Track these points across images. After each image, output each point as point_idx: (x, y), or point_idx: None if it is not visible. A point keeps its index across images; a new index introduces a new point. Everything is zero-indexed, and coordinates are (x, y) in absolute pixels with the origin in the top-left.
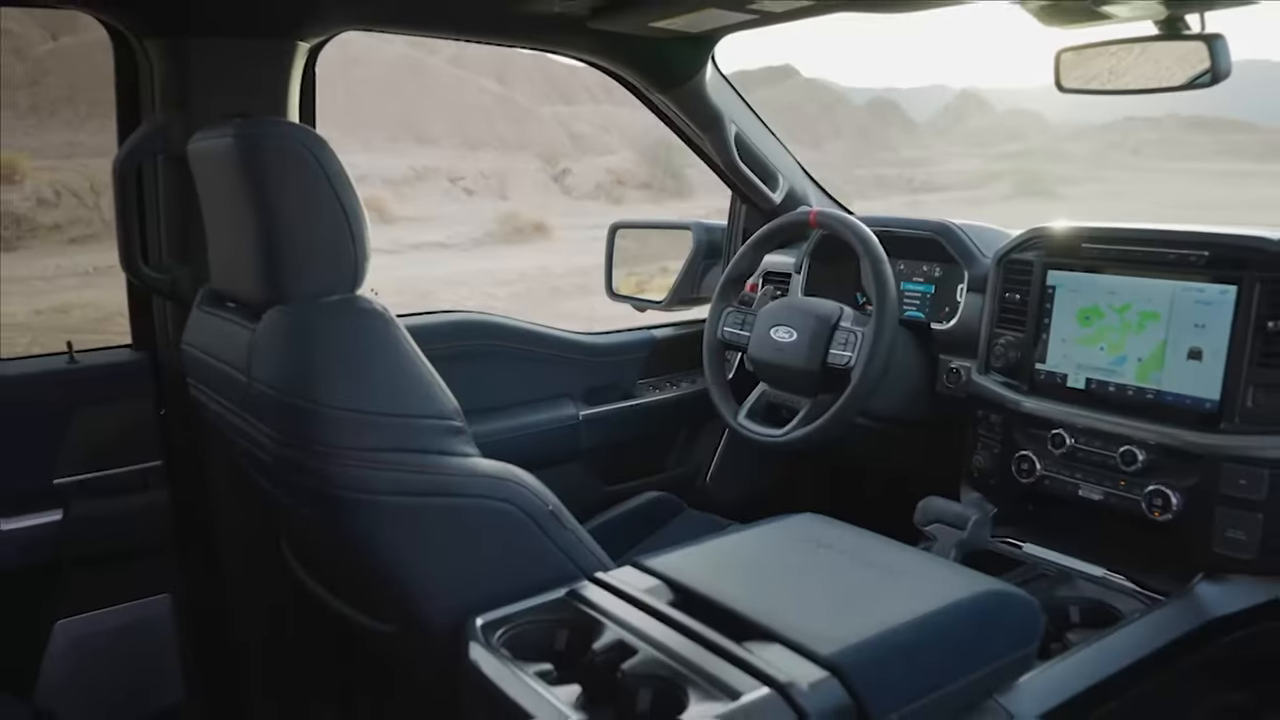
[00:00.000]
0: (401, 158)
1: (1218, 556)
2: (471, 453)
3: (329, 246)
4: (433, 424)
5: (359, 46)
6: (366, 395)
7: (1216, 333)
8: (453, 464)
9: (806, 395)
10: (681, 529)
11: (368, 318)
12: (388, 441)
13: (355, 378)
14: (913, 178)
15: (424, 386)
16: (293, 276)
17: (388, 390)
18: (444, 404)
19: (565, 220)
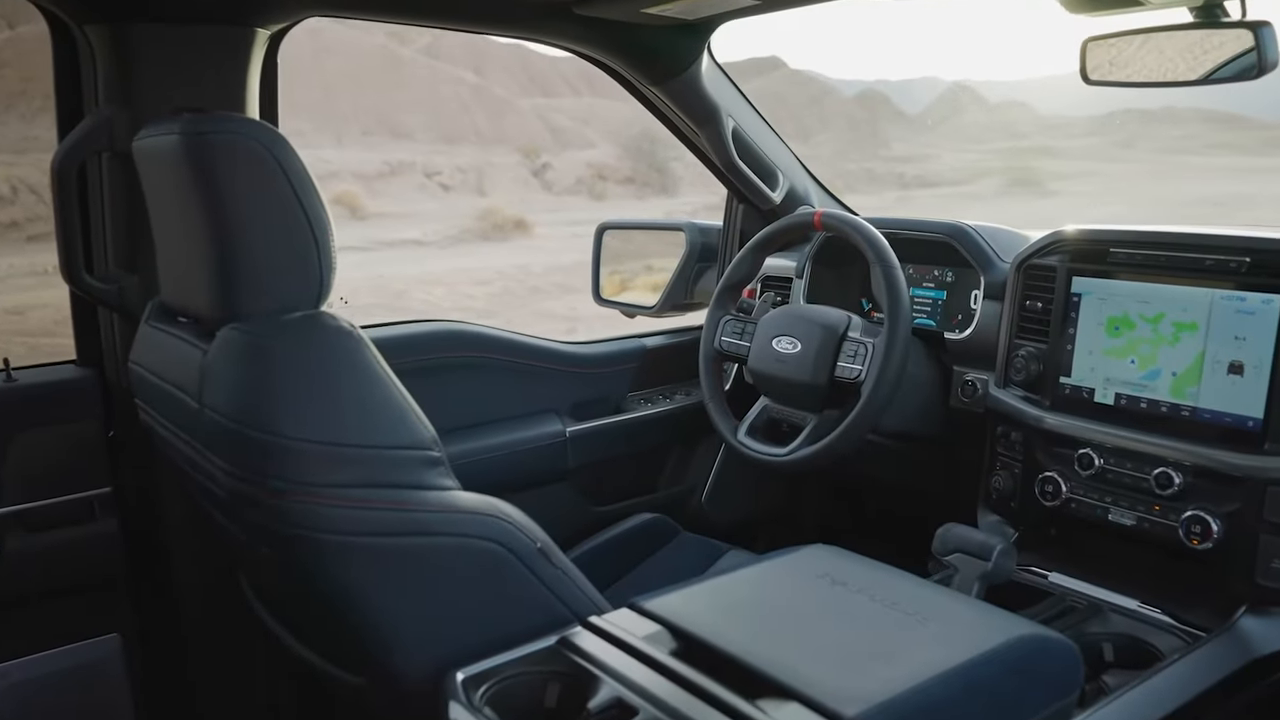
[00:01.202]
0: (375, 152)
1: (1262, 589)
2: (451, 485)
3: (290, 257)
4: (408, 455)
5: (331, 36)
6: (333, 425)
7: (1259, 345)
8: (430, 499)
9: (812, 411)
10: (677, 554)
11: (334, 337)
12: (357, 476)
13: (320, 405)
14: (903, 172)
15: (397, 413)
16: (249, 291)
17: (357, 419)
18: (420, 433)
19: (545, 217)
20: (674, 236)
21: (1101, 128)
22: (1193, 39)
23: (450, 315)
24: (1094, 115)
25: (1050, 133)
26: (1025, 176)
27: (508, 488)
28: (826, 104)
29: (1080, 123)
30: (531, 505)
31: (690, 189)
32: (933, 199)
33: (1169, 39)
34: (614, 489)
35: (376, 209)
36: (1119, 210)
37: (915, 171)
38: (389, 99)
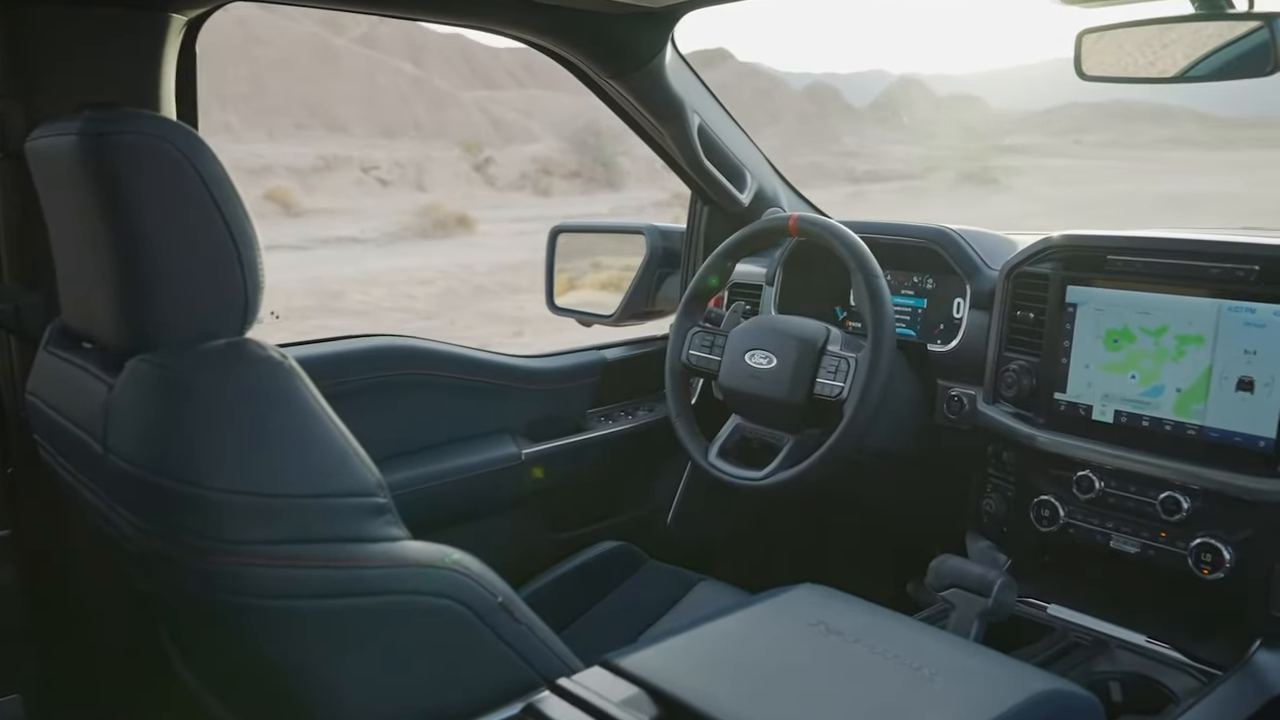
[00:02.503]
0: (309, 146)
1: (1278, 621)
2: (398, 535)
3: (209, 275)
4: (349, 503)
5: (259, 24)
6: (261, 472)
7: (1270, 360)
8: (375, 553)
9: (789, 430)
10: (643, 586)
11: (261, 369)
12: (291, 531)
13: (246, 449)
14: (854, 167)
15: (336, 455)
16: (161, 315)
17: (289, 464)
18: (362, 476)
19: (489, 213)
20: (636, 241)
21: (1052, 122)
22: (1195, 32)
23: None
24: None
25: (1001, 127)
26: (977, 172)
27: (459, 517)
28: (775, 97)
29: (1032, 117)
30: (486, 535)
31: (638, 184)
32: (884, 194)
33: (1169, 32)
34: (574, 515)
35: (311, 205)
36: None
37: (866, 166)
38: (323, 90)
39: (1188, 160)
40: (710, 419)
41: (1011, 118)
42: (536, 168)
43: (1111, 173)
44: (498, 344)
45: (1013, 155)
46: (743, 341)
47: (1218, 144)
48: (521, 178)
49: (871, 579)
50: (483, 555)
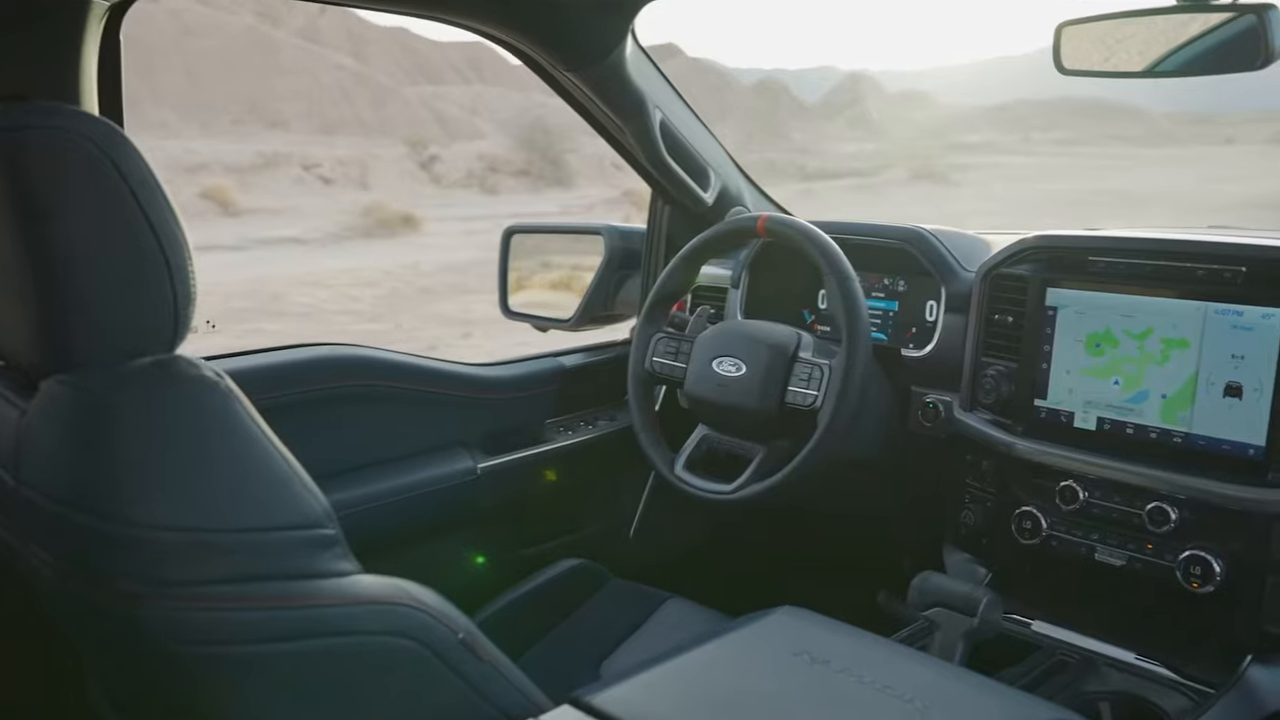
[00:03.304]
0: (247, 142)
1: (1270, 635)
2: (349, 569)
3: (133, 286)
4: (295, 537)
5: (195, 16)
6: (196, 505)
7: (1259, 365)
8: (325, 590)
9: (759, 441)
10: (608, 605)
11: (194, 389)
12: (232, 570)
13: (178, 480)
14: (804, 164)
15: (280, 484)
16: (80, 331)
17: (227, 494)
18: (308, 506)
19: (435, 212)
20: (594, 242)
21: (999, 118)
22: (1180, 24)
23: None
24: (991, 105)
25: (950, 124)
26: (928, 168)
27: (412, 537)
28: (725, 93)
29: (981, 113)
30: (441, 555)
31: (587, 182)
32: (836, 191)
33: (1153, 24)
34: (535, 530)
35: (250, 204)
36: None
37: (816, 163)
38: (262, 85)
39: (1134, 156)
40: (675, 429)
41: (961, 114)
42: (484, 165)
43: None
44: (446, 346)
45: (963, 152)
46: (709, 348)
47: (1162, 140)
48: (468, 175)
49: (843, 591)
50: (438, 576)
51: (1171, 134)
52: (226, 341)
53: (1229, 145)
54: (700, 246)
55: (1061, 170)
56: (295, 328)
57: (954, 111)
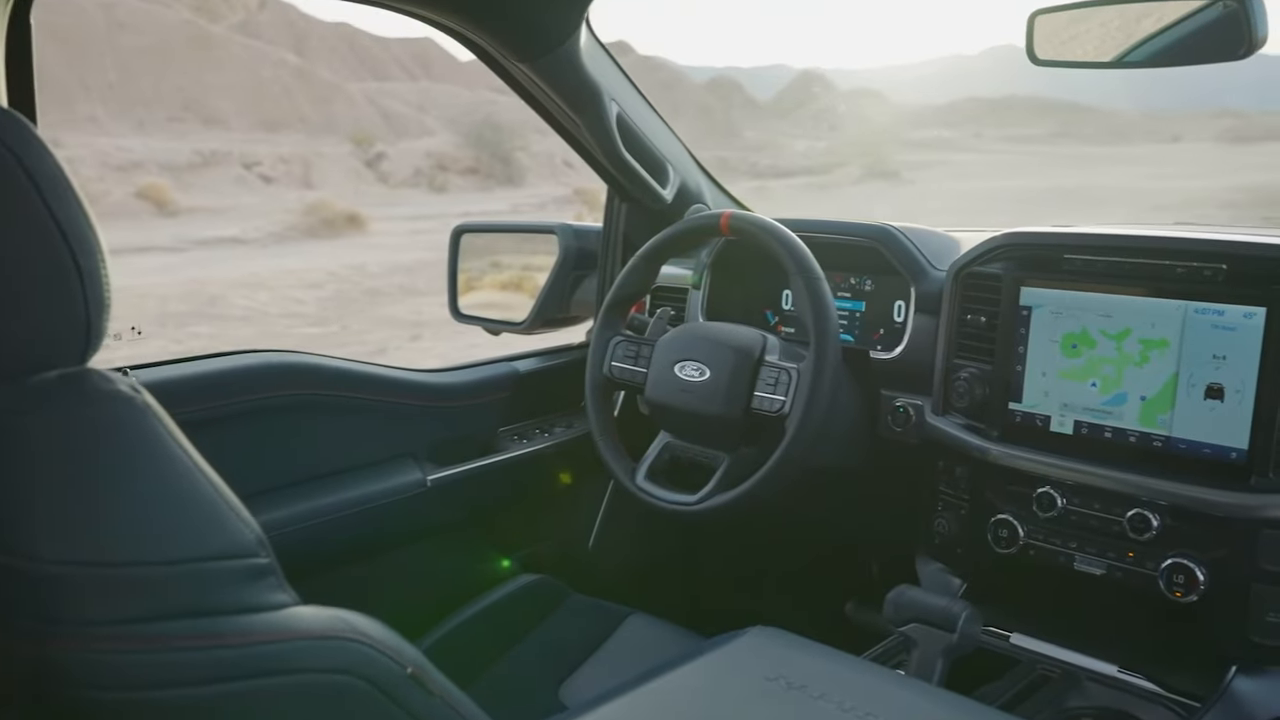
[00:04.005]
0: (184, 140)
1: (1256, 646)
2: (285, 601)
3: (39, 293)
4: (223, 568)
5: (128, 9)
6: (111, 536)
7: (1241, 366)
8: (258, 626)
9: (724, 449)
10: (567, 622)
11: (107, 405)
12: (152, 606)
13: (89, 509)
14: (757, 161)
15: (206, 509)
16: None
17: (146, 523)
18: (238, 533)
19: (382, 211)
20: (548, 241)
21: (950, 116)
22: (1158, 12)
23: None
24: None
25: (902, 121)
26: (880, 166)
27: (358, 554)
28: (677, 91)
29: (931, 111)
30: (389, 570)
31: (538, 180)
32: (789, 189)
33: (1129, 12)
34: (487, 545)
35: (188, 203)
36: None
37: (769, 161)
38: (199, 81)
39: (1084, 154)
40: (635, 436)
41: (913, 112)
42: (431, 163)
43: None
44: (395, 349)
45: (916, 149)
46: (671, 351)
47: (1111, 138)
48: (416, 174)
49: (812, 602)
50: (386, 597)
51: (1120, 131)
52: (163, 347)
53: (1176, 143)
54: (660, 245)
55: (1013, 168)
56: (235, 332)
57: (906, 110)
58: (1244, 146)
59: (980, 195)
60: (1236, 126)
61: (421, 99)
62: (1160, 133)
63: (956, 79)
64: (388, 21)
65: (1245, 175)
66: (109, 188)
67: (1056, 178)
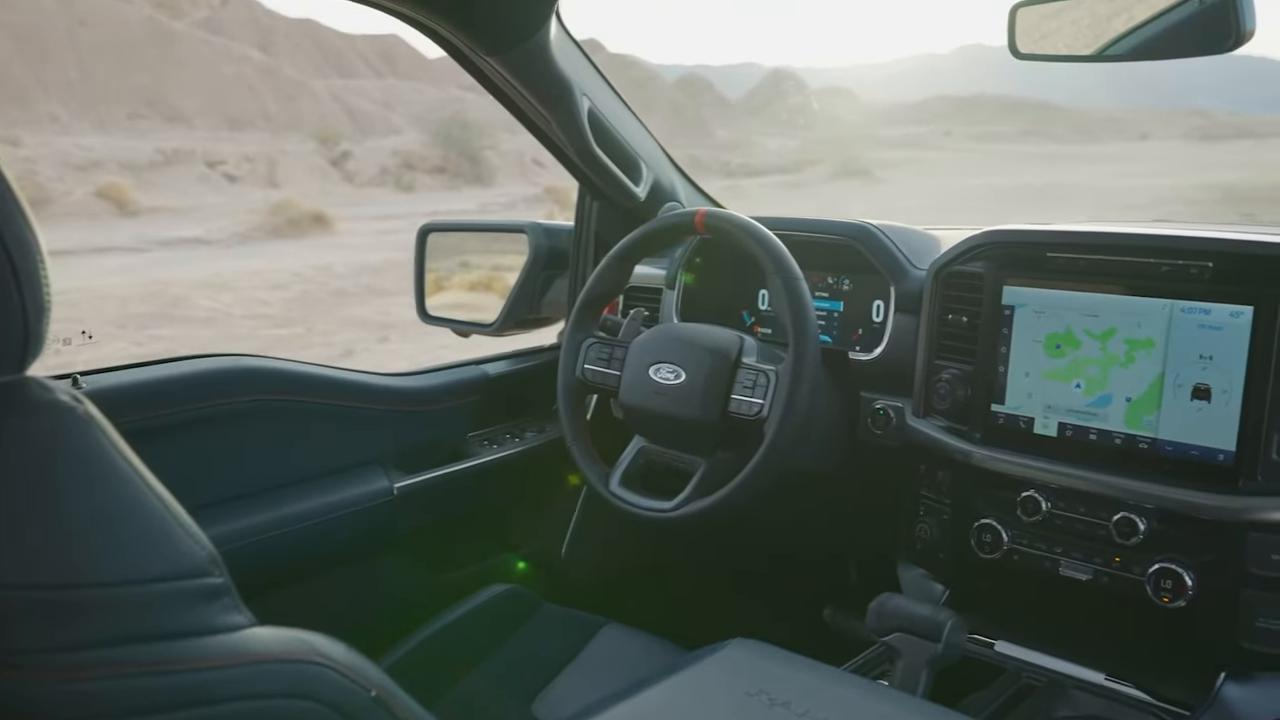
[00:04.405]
0: (146, 138)
1: (1245, 652)
2: (241, 623)
3: None
4: (173, 589)
5: (88, 6)
6: (51, 558)
7: (1228, 366)
8: (211, 649)
9: (700, 454)
10: (540, 633)
11: (47, 417)
12: (97, 631)
13: (28, 528)
14: (729, 160)
15: (153, 526)
16: None
17: (90, 543)
18: (188, 552)
19: (348, 211)
20: (518, 240)
21: (921, 114)
22: (1143, 4)
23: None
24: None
25: (872, 120)
26: (852, 165)
27: (322, 566)
28: (649, 89)
29: (902, 110)
30: (356, 582)
31: (507, 179)
32: (761, 188)
33: (1113, 4)
34: (458, 553)
35: (150, 203)
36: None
37: (740, 159)
38: (161, 79)
39: (1053, 152)
40: (609, 441)
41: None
42: (398, 162)
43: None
44: (363, 350)
45: (886, 148)
46: (645, 353)
47: (1078, 136)
48: (382, 172)
49: (790, 608)
50: (351, 609)
51: (1089, 130)
52: (123, 349)
53: (1144, 141)
54: (634, 244)
55: (983, 166)
56: (198, 333)
57: (877, 108)
58: (1211, 145)
59: (952, 193)
60: (1204, 125)
61: (388, 96)
62: (1128, 132)
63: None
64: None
65: (1213, 173)
66: (69, 187)
67: (1026, 176)
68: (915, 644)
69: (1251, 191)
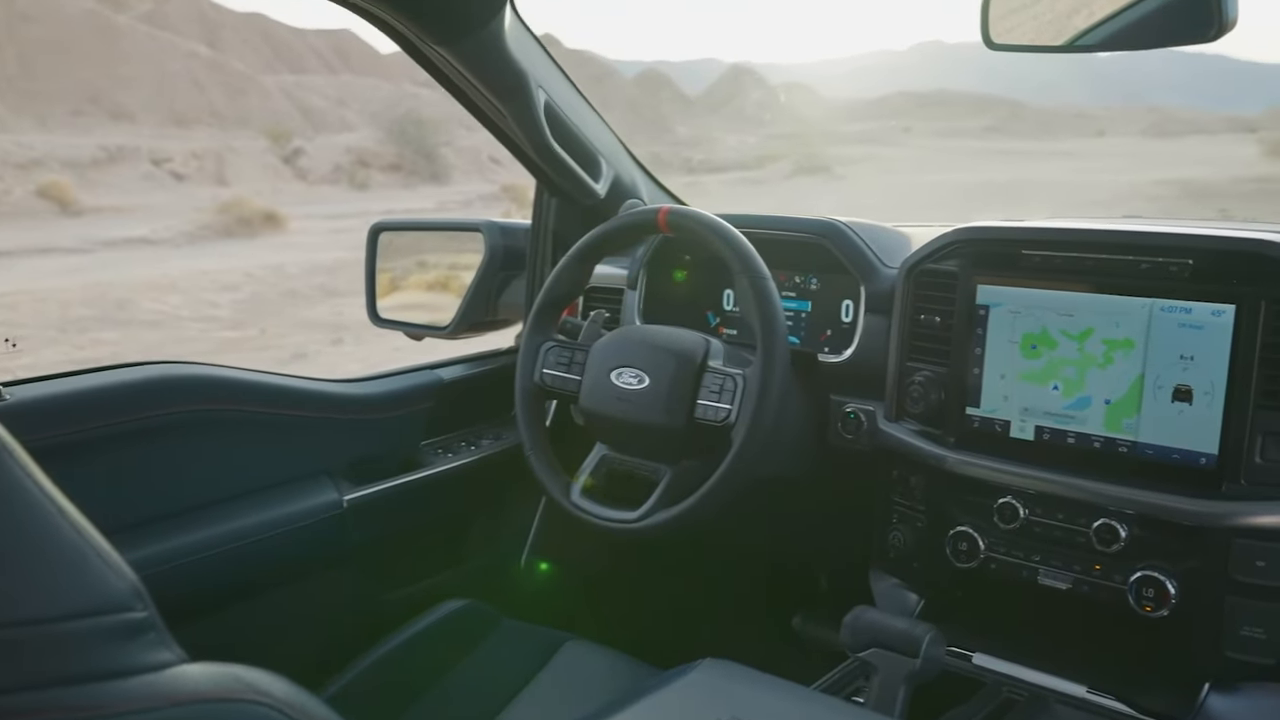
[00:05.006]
0: (89, 135)
1: (1230, 661)
2: (168, 660)
3: None
4: (90, 627)
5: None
6: None
7: (1210, 366)
8: (134, 691)
9: (665, 461)
10: (499, 651)
11: None
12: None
13: None
14: (689, 157)
15: (68, 557)
16: None
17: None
18: (107, 584)
19: (301, 209)
20: (474, 239)
21: (880, 111)
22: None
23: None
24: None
25: (833, 116)
26: (812, 161)
27: (267, 584)
28: (607, 85)
29: (861, 106)
30: (301, 600)
31: (464, 176)
32: (721, 185)
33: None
34: (411, 568)
35: (93, 202)
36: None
37: (701, 156)
38: (104, 74)
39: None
40: (570, 448)
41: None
42: (352, 159)
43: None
44: (315, 353)
45: (846, 144)
46: (607, 357)
47: (1037, 133)
48: (336, 170)
49: (758, 619)
50: (298, 631)
51: (1046, 126)
52: (66, 355)
53: (1101, 137)
54: (594, 243)
55: (943, 163)
56: (144, 337)
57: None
58: (1168, 141)
59: (912, 190)
60: (1160, 121)
61: (341, 92)
62: (1085, 128)
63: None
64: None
65: (1171, 170)
66: (8, 186)
67: (987, 172)
68: (892, 659)
69: (1209, 187)
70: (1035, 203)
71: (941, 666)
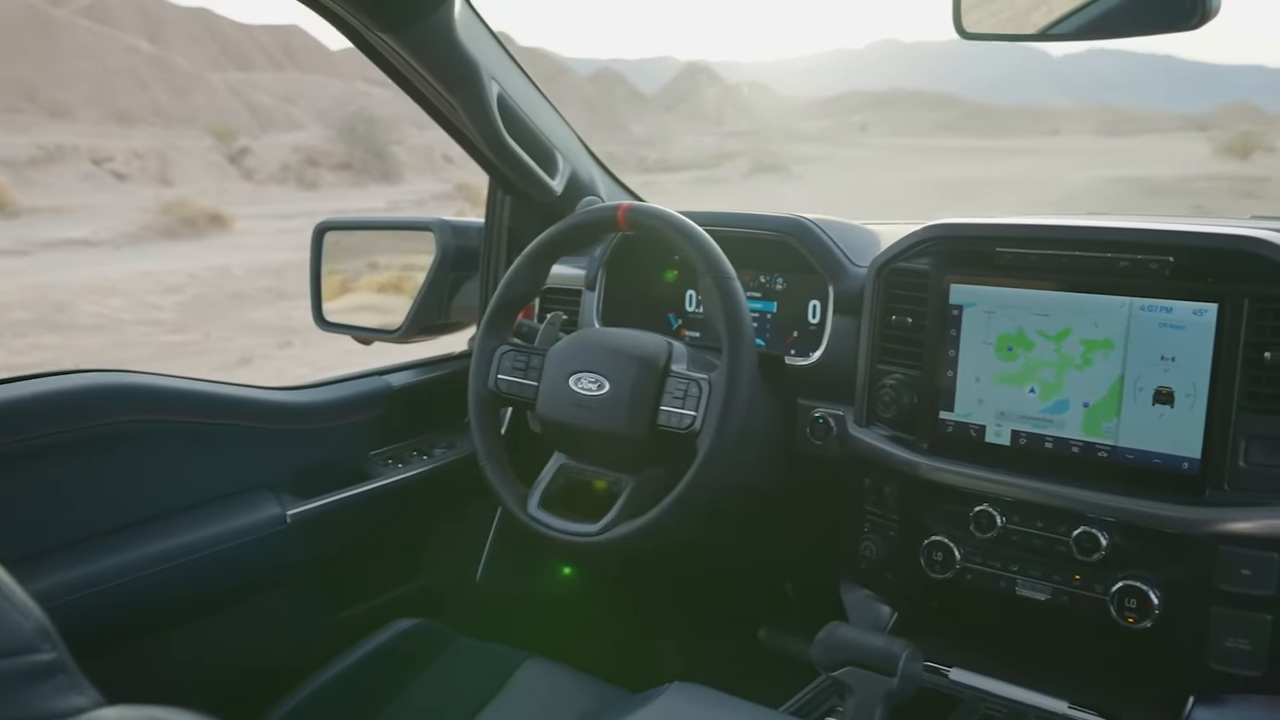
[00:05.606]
0: (25, 134)
1: (1215, 673)
2: (79, 705)
3: None
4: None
5: None
6: None
7: (1192, 367)
8: None
9: (627, 471)
10: (454, 672)
11: None
12: None
13: None
14: (645, 155)
15: None
16: None
17: None
18: (12, 624)
19: (247, 209)
20: (425, 239)
21: (835, 110)
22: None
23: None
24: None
25: (788, 115)
26: (768, 160)
27: (206, 605)
28: (561, 83)
29: (818, 104)
30: (242, 626)
31: (415, 175)
32: (679, 184)
33: None
34: (359, 587)
35: (30, 203)
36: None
37: (657, 155)
38: (41, 70)
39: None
40: (527, 457)
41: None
42: (300, 158)
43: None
44: (263, 357)
45: (802, 143)
46: (565, 362)
47: (993, 131)
48: (284, 169)
49: (725, 636)
50: (237, 655)
51: (1002, 125)
52: (2, 360)
53: (1055, 136)
54: (550, 242)
55: (899, 161)
56: (84, 341)
57: (793, 103)
58: (1120, 139)
59: (870, 187)
60: (1113, 120)
61: (289, 90)
62: (1039, 127)
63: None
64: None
65: (1125, 167)
66: None
67: (945, 170)
68: (868, 679)
69: (1163, 185)
70: (993, 199)
71: (919, 684)
